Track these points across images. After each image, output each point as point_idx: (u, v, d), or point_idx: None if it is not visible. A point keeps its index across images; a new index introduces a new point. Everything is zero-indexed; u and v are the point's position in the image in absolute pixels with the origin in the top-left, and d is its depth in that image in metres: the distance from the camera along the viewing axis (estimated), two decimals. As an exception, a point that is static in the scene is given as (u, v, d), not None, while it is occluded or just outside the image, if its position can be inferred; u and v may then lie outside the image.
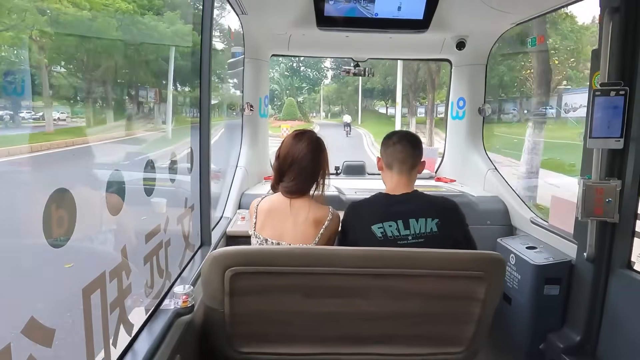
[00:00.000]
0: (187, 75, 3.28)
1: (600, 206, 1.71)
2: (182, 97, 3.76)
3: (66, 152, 1.54)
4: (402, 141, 1.64)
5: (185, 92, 3.51)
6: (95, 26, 2.84)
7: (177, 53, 3.52)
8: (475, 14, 2.40)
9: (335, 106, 54.72)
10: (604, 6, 1.69)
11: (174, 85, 3.67)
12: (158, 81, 3.77)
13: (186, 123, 3.31)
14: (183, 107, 3.83)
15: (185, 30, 3.62)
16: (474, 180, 3.02)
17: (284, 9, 2.40)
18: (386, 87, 36.61)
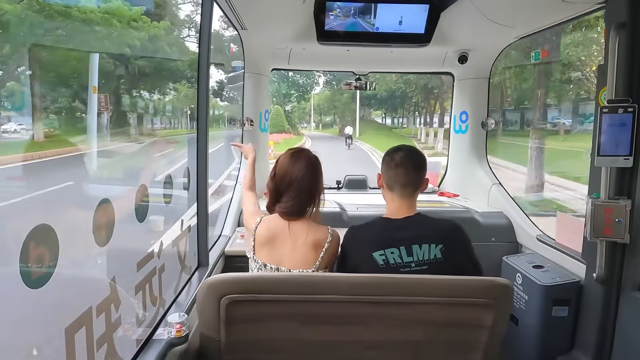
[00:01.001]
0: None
1: (609, 226, 1.65)
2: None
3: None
4: (404, 164, 1.56)
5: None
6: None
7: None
8: (477, 28, 2.37)
9: (327, 116, 51.89)
10: (610, 21, 1.65)
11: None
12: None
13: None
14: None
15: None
16: (478, 195, 2.97)
17: (284, 24, 2.38)
18: (391, 93, 35.74)
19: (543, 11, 2.01)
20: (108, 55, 5.55)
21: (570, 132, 15.58)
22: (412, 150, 1.63)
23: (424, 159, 1.63)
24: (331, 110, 46.02)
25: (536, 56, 9.75)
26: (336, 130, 45.06)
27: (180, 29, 16.79)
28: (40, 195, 1.11)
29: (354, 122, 38.11)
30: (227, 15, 2.09)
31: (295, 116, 45.65)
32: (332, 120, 52.15)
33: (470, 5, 2.07)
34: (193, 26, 21.89)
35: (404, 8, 2.39)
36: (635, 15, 1.60)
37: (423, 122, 35.32)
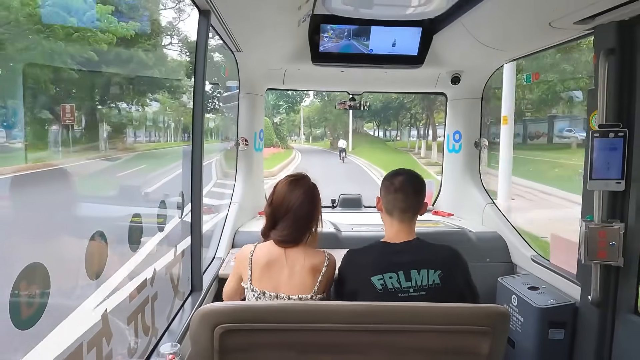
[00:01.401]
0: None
1: (603, 249, 1.66)
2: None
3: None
4: (404, 189, 1.57)
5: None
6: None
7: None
8: (469, 51, 2.41)
9: (317, 129, 50.65)
10: (599, 47, 1.69)
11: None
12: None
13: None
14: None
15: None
16: (472, 214, 2.98)
17: (279, 46, 2.40)
18: (386, 105, 34.69)
19: (533, 36, 2.05)
20: (73, 60, 5.26)
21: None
22: (412, 174, 1.64)
23: (423, 183, 1.64)
24: (322, 122, 44.84)
25: (527, 78, 9.90)
26: (327, 143, 44.25)
27: (159, 35, 15.82)
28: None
29: (347, 135, 37.60)
30: (222, 37, 2.10)
31: (284, 129, 44.21)
32: (322, 133, 50.83)
33: (462, 28, 2.11)
34: (175, 33, 21.13)
35: (398, 31, 2.43)
36: (624, 41, 1.63)
37: (423, 134, 34.07)
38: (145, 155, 11.74)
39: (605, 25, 1.66)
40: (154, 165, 9.07)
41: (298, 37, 2.35)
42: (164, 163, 10.24)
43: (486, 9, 1.81)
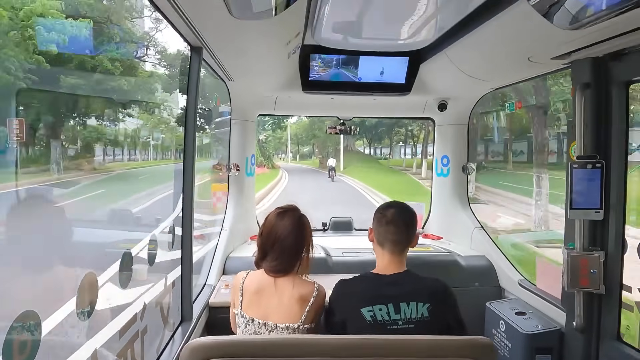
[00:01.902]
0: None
1: (585, 277, 1.70)
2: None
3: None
4: (395, 222, 1.61)
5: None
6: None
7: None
8: (454, 80, 2.49)
9: (305, 146, 48.81)
10: (576, 81, 1.77)
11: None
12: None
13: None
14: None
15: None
16: (461, 238, 3.02)
17: (270, 76, 2.46)
18: (379, 121, 32.80)
19: (513, 69, 2.13)
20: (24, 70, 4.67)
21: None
22: (403, 207, 1.68)
23: (415, 216, 1.68)
24: (310, 140, 43.13)
25: (510, 107, 10.05)
26: (316, 161, 42.40)
27: (126, 42, 14.12)
28: None
29: (337, 153, 35.77)
30: (214, 68, 2.16)
31: (271, 146, 42.53)
32: (310, 151, 49.03)
33: (447, 59, 2.19)
34: (151, 44, 19.22)
35: (385, 60, 2.51)
36: (599, 76, 1.71)
37: (422, 152, 30.35)
38: (113, 177, 11.04)
39: (581, 60, 1.74)
40: (117, 191, 8.34)
41: (288, 67, 2.41)
42: (132, 187, 9.78)
43: (468, 43, 1.89)
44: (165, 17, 1.39)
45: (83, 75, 9.70)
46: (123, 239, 1.62)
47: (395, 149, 41.18)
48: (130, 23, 15.93)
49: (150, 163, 17.07)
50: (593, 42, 1.58)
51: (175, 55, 19.17)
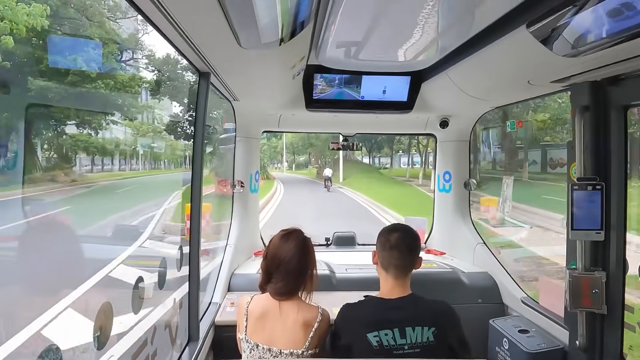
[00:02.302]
0: None
1: (587, 297, 1.72)
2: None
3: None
4: (399, 246, 1.63)
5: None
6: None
7: None
8: (455, 99, 2.53)
9: (301, 155, 46.83)
10: (575, 104, 1.81)
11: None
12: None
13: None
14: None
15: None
16: (463, 254, 3.04)
17: (274, 95, 2.51)
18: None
19: (513, 90, 2.17)
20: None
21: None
22: (407, 231, 1.70)
23: (418, 239, 1.71)
24: (306, 148, 41.16)
25: (511, 125, 10.10)
26: (312, 171, 40.48)
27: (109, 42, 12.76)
28: None
29: (336, 162, 33.58)
30: (220, 90, 2.20)
31: (265, 156, 41.06)
32: (306, 160, 47.14)
33: (448, 79, 2.23)
34: (138, 47, 18.01)
35: (387, 79, 2.55)
36: (597, 99, 1.75)
37: (433, 161, 28.83)
38: (92, 190, 10.52)
39: (580, 84, 1.78)
40: (85, 207, 7.63)
41: (293, 87, 2.46)
42: (106, 204, 9.22)
43: (469, 65, 1.93)
44: (173, 45, 1.43)
45: (56, 77, 8.88)
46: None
47: (396, 158, 39.76)
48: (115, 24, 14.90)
49: (139, 173, 16.58)
50: (591, 68, 1.62)
51: (163, 60, 18.23)
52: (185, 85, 18.74)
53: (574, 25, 1.36)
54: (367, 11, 1.49)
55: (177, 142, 19.82)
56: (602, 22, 1.32)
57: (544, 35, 1.43)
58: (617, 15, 1.24)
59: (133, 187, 13.33)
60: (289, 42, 1.53)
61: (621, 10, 1.22)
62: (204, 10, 1.15)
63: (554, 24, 1.35)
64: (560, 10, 1.28)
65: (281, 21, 1.36)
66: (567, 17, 1.31)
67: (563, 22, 1.34)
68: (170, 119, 20.78)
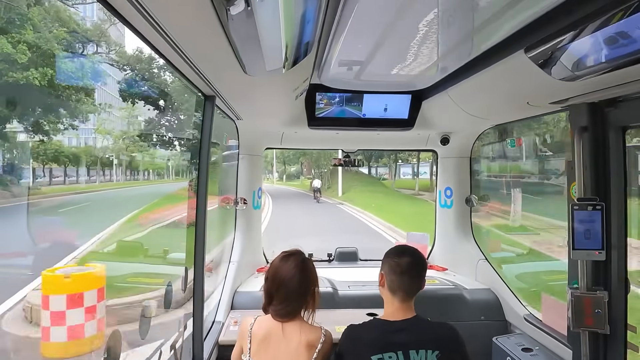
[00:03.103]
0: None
1: (590, 316, 1.73)
2: None
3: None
4: (409, 272, 1.62)
5: None
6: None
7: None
8: (455, 117, 2.56)
9: (292, 165, 44.53)
10: (574, 125, 1.83)
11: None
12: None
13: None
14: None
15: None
16: (465, 269, 3.05)
17: (277, 115, 2.55)
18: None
19: (512, 110, 2.21)
20: None
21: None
22: (417, 255, 1.68)
23: (425, 262, 1.70)
24: (298, 157, 39.04)
25: (511, 143, 10.06)
26: (305, 183, 37.16)
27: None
28: None
29: (334, 174, 30.97)
30: (224, 110, 2.24)
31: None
32: (298, 170, 44.57)
33: (448, 98, 2.27)
34: (103, 40, 15.03)
35: (389, 97, 2.59)
36: (595, 120, 1.77)
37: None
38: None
39: (578, 105, 1.81)
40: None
41: (295, 106, 2.50)
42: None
43: (469, 85, 1.97)
44: (178, 71, 1.46)
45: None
46: None
47: (397, 167, 35.45)
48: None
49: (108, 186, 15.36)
50: (589, 91, 1.66)
51: (134, 57, 16.02)
52: (162, 84, 16.88)
53: (572, 51, 1.39)
54: (369, 34, 1.53)
55: (155, 150, 18.44)
56: (599, 49, 1.35)
57: (542, 59, 1.47)
58: (613, 43, 1.28)
59: (83, 205, 11.71)
60: (293, 67, 1.57)
61: (616, 38, 1.26)
62: (210, 39, 1.18)
63: (551, 49, 1.39)
64: (558, 37, 1.31)
65: (286, 48, 1.40)
66: (564, 43, 1.34)
67: (561, 47, 1.37)
68: (145, 123, 18.88)
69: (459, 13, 1.32)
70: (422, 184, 27.90)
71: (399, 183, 31.74)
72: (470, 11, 1.31)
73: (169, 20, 1.02)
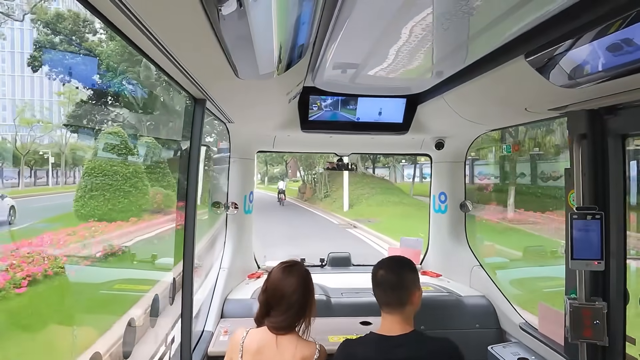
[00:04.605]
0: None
1: (589, 328, 1.69)
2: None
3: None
4: (384, 284, 1.55)
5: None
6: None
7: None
8: (451, 122, 2.53)
9: (276, 166, 38.79)
10: (572, 132, 1.80)
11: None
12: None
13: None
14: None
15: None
16: (460, 275, 3.01)
17: (270, 118, 2.49)
18: None
19: (510, 116, 2.18)
20: None
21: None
22: (390, 267, 1.61)
23: (408, 267, 1.60)
24: (283, 156, 31.75)
25: (507, 149, 10.09)
26: (292, 188, 30.71)
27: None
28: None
29: (335, 179, 24.01)
30: (215, 113, 2.17)
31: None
32: (282, 172, 38.16)
33: (444, 103, 2.23)
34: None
35: (383, 101, 2.54)
36: (595, 127, 1.74)
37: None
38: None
39: (577, 112, 1.78)
40: None
41: (288, 110, 2.44)
42: None
43: (466, 90, 1.93)
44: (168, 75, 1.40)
45: None
46: None
47: (398, 168, 30.58)
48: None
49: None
50: (589, 98, 1.63)
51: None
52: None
53: (572, 57, 1.36)
54: (365, 36, 1.48)
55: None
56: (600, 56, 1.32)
57: (541, 65, 1.43)
58: (616, 50, 1.25)
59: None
60: (287, 70, 1.52)
61: (621, 45, 1.22)
62: (200, 41, 1.12)
63: (551, 56, 1.35)
64: (558, 44, 1.28)
65: (279, 52, 1.34)
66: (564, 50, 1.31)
67: (561, 54, 1.34)
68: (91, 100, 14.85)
69: (456, 18, 1.28)
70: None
71: (419, 188, 22.31)
72: (469, 16, 1.27)
73: (155, 20, 0.96)
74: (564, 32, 1.21)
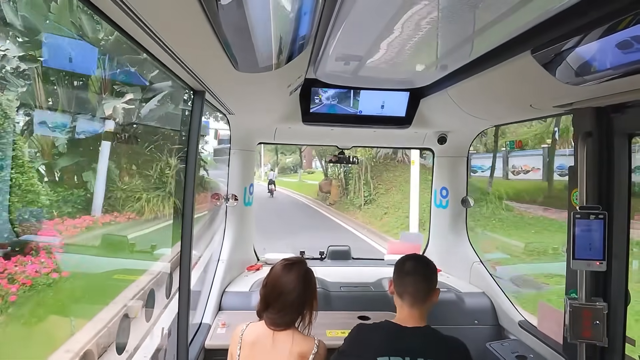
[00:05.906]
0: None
1: (588, 328, 1.68)
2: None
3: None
4: (415, 273, 1.60)
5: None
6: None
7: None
8: (454, 116, 2.49)
9: (288, 155, 34.45)
10: (577, 129, 1.77)
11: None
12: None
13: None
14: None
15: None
16: (460, 271, 3.00)
17: (271, 110, 2.46)
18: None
19: (514, 112, 2.14)
20: None
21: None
22: (422, 260, 1.69)
23: (435, 271, 1.67)
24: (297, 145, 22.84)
25: (510, 145, 10.01)
26: (307, 183, 26.39)
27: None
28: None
29: (383, 172, 16.37)
30: (214, 105, 2.14)
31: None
32: (295, 162, 33.48)
33: (448, 97, 2.20)
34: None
35: (386, 94, 2.51)
36: (601, 125, 1.71)
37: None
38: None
39: (583, 109, 1.74)
40: None
41: (289, 102, 2.41)
42: None
43: (470, 85, 1.89)
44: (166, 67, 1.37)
45: None
46: None
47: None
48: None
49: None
50: (596, 96, 1.59)
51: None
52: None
53: (580, 54, 1.33)
54: (369, 28, 1.45)
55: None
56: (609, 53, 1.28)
57: (547, 61, 1.40)
58: (626, 48, 1.21)
59: None
60: (288, 63, 1.48)
61: (630, 43, 1.19)
62: (199, 37, 1.10)
63: (559, 52, 1.32)
64: (566, 40, 1.24)
65: (280, 44, 1.31)
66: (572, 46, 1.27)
67: (568, 50, 1.31)
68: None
69: (462, 11, 1.24)
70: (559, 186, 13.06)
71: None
72: (475, 10, 1.23)
73: (152, 12, 0.93)
74: (572, 28, 1.18)
